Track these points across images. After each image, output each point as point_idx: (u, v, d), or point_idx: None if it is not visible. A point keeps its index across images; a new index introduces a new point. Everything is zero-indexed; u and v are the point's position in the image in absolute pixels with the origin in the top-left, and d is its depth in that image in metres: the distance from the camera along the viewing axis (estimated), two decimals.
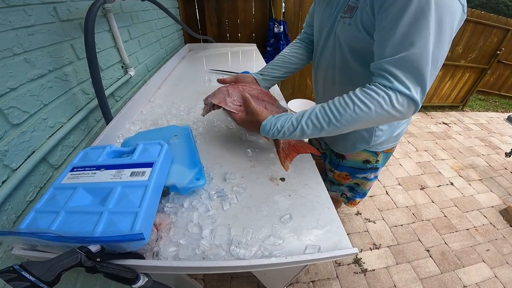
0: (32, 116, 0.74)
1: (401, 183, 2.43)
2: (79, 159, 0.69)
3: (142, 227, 0.49)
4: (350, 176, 1.08)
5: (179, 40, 2.33)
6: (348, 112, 0.61)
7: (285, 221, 0.62)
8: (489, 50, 3.80)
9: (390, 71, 0.58)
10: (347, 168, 1.06)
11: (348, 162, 1.04)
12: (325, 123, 0.64)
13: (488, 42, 3.73)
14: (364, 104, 0.60)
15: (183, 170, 0.70)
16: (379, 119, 0.61)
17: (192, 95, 1.35)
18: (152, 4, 1.47)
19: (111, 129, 0.93)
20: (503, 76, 4.91)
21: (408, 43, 0.55)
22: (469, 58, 3.78)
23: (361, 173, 1.05)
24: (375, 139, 0.90)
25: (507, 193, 2.44)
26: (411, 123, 3.56)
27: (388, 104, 0.58)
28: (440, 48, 0.56)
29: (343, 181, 1.12)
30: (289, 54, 1.03)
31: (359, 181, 1.10)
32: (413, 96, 0.57)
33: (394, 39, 0.57)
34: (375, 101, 0.59)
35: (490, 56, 3.87)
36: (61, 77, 0.85)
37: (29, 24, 0.74)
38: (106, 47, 1.12)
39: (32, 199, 0.71)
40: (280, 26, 2.59)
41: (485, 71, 3.96)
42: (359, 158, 1.00)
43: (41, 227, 0.51)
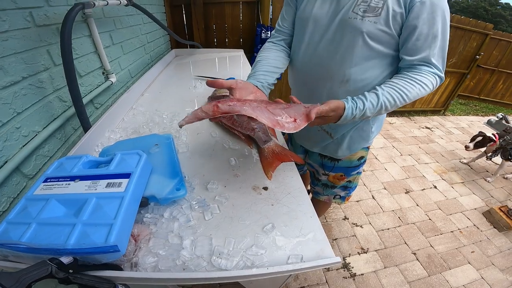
0: (4, 125, 0.71)
1: (387, 187, 2.46)
2: (53, 169, 0.66)
3: (117, 239, 0.47)
4: (345, 176, 1.14)
5: (165, 45, 2.30)
6: (415, 90, 0.78)
7: (267, 231, 0.61)
8: (469, 54, 3.90)
9: (433, 63, 0.80)
10: (343, 169, 1.12)
11: (344, 162, 1.10)
12: (398, 100, 0.78)
13: (468, 46, 3.82)
14: (425, 84, 0.79)
15: (163, 180, 0.68)
16: (426, 94, 0.82)
17: (176, 102, 1.32)
18: (137, 9, 1.45)
19: (89, 138, 0.90)
20: (482, 80, 5.10)
21: (439, 44, 0.79)
22: (450, 62, 3.87)
23: (355, 170, 1.14)
24: (371, 136, 1.03)
25: (490, 195, 2.51)
26: (396, 128, 3.65)
27: (436, 83, 0.81)
28: (447, 42, 0.81)
29: (337, 182, 1.17)
30: (273, 58, 0.98)
31: (352, 178, 1.17)
32: (442, 76, 0.82)
33: (430, 41, 0.78)
34: (429, 81, 0.80)
35: (469, 61, 3.98)
36: (35, 84, 0.82)
37: (3, 29, 0.72)
38: (86, 53, 1.09)
39: (5, 209, 0.69)
40: (267, 31, 2.59)
41: (465, 76, 4.07)
42: (355, 157, 1.09)
43: (12, 238, 0.49)
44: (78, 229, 0.48)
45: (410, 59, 0.81)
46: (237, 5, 2.58)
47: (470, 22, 3.67)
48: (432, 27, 0.77)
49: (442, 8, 0.76)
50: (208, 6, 2.52)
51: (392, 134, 3.44)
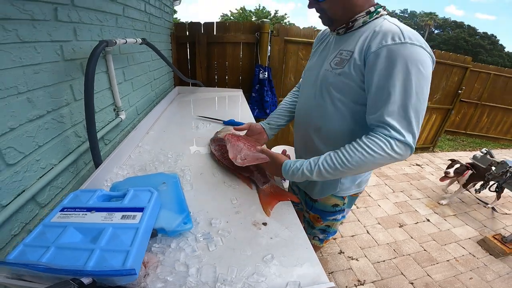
0: (26, 156, 0.76)
1: (381, 222, 2.51)
2: (69, 200, 0.71)
3: (134, 263, 0.52)
4: (321, 219, 1.15)
5: (169, 82, 2.43)
6: (357, 155, 0.75)
7: (267, 261, 0.66)
8: (451, 90, 4.02)
9: (388, 123, 0.73)
10: (319, 211, 1.14)
11: (320, 205, 1.12)
12: (338, 164, 0.77)
13: (450, 81, 3.93)
14: (370, 148, 0.73)
15: (172, 215, 0.73)
16: (382, 161, 0.75)
17: (180, 142, 1.36)
18: (148, 47, 1.55)
19: (100, 173, 0.94)
20: (467, 115, 5.27)
21: (397, 101, 0.71)
22: (434, 99, 4.00)
23: (331, 215, 1.13)
24: (340, 186, 1.02)
25: (482, 225, 2.59)
26: (387, 167, 3.74)
27: (389, 148, 0.72)
28: (422, 101, 0.71)
29: (316, 224, 1.19)
30: (289, 102, 1.21)
31: (329, 223, 1.17)
32: (407, 141, 0.72)
33: (385, 98, 0.72)
34: (378, 146, 0.73)
35: (453, 96, 4.09)
36: (57, 119, 0.88)
37: (36, 62, 0.78)
38: (102, 89, 1.15)
39: (17, 233, 0.72)
40: (265, 72, 2.74)
41: (450, 111, 4.20)
42: (328, 202, 1.09)
43: (30, 259, 0.53)
44: (96, 254, 0.54)
45: (368, 119, 0.79)
46: (238, 45, 2.77)
47: (451, 57, 3.76)
48: (387, 81, 0.71)
49: (404, 57, 0.69)
50: (211, 45, 2.71)
51: (384, 172, 3.55)
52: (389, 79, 0.71)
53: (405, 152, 0.74)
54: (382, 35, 0.73)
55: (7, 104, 0.68)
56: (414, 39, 0.70)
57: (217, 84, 2.94)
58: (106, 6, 1.16)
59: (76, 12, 0.95)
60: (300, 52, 2.91)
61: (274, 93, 2.88)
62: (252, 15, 23.71)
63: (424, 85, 0.71)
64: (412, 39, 0.70)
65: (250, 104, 2.72)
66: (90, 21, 1.04)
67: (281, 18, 23.26)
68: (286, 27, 2.78)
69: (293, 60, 2.94)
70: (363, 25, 0.82)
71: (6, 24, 0.67)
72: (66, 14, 0.90)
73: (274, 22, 21.88)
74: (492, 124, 5.44)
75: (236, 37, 2.70)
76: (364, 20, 0.81)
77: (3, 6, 0.66)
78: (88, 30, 1.04)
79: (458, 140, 5.37)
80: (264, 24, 2.62)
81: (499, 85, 4.98)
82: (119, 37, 1.28)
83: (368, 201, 2.85)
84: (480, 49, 29.83)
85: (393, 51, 0.70)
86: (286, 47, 2.85)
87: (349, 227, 2.41)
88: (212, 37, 2.67)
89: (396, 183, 3.30)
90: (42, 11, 0.79)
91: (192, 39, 2.64)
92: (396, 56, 0.69)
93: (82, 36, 0.99)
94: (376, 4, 0.83)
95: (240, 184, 1.01)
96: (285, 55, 2.90)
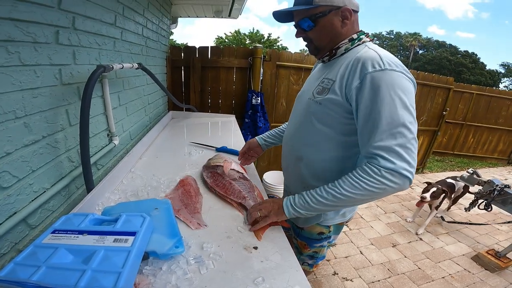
0: (20, 180, 0.76)
1: (374, 243, 2.52)
2: (61, 223, 0.72)
3: (126, 284, 0.53)
4: (308, 246, 1.15)
5: (163, 106, 2.45)
6: (347, 184, 0.75)
7: (258, 283, 0.67)
8: (437, 111, 4.12)
9: (376, 153, 0.72)
10: (305, 239, 1.14)
11: (306, 233, 1.12)
12: (330, 195, 0.77)
13: (435, 103, 4.01)
14: (360, 176, 0.73)
15: (163, 239, 0.75)
16: (374, 189, 0.73)
17: (172, 168, 1.35)
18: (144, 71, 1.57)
19: (92, 198, 0.95)
20: (454, 136, 5.39)
21: (384, 131, 0.71)
22: (421, 121, 4.07)
23: (317, 243, 1.13)
24: (324, 216, 1.03)
25: (475, 242, 2.62)
26: None
27: (379, 175, 0.71)
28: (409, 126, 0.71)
29: (303, 250, 1.19)
30: (285, 127, 1.27)
31: (316, 249, 1.17)
32: (398, 169, 0.69)
33: (372, 128, 0.73)
34: (367, 173, 0.72)
35: (438, 117, 4.19)
36: (52, 144, 0.88)
37: (36, 86, 0.78)
38: (96, 114, 1.15)
39: (6, 252, 0.72)
40: (257, 97, 2.78)
41: (436, 133, 4.29)
42: (314, 230, 1.09)
43: (20, 277, 0.53)
44: (88, 274, 0.54)
45: (361, 152, 0.80)
46: (232, 70, 2.85)
47: (434, 78, 3.86)
48: (372, 110, 0.72)
49: (386, 84, 0.70)
50: (205, 70, 2.78)
51: None
52: (374, 109, 0.71)
53: (399, 180, 0.70)
54: (362, 63, 0.75)
55: (5, 129, 0.69)
56: (393, 65, 0.72)
57: (211, 109, 2.98)
58: (105, 30, 1.18)
59: (76, 35, 0.97)
60: (292, 77, 3.01)
61: (266, 118, 2.92)
62: (246, 38, 24.47)
63: (406, 111, 0.71)
64: (391, 65, 0.72)
65: (242, 130, 2.75)
66: (89, 44, 1.06)
67: (274, 41, 24.04)
68: (277, 52, 2.89)
69: (284, 85, 3.03)
70: (345, 52, 0.86)
71: (10, 46, 0.68)
72: (66, 37, 0.91)
73: (267, 45, 22.60)
74: (479, 143, 5.57)
75: (230, 61, 2.78)
76: (346, 47, 0.85)
77: (8, 27, 0.67)
78: (87, 54, 1.05)
79: (446, 160, 5.48)
80: (257, 49, 2.73)
81: (482, 104, 5.14)
82: (116, 60, 1.31)
83: (360, 222, 2.86)
84: (463, 68, 30.28)
85: (375, 78, 0.71)
86: (278, 72, 2.94)
87: (342, 248, 2.40)
88: (207, 61, 2.75)
89: (388, 204, 3.34)
90: (44, 34, 0.80)
91: (186, 63, 2.71)
92: (378, 84, 0.71)
93: (80, 60, 1.00)
94: (359, 31, 0.87)
95: (232, 209, 1.02)
96: (277, 80, 2.97)
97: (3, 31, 0.66)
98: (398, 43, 38.74)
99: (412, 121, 0.71)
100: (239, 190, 1.06)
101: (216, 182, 1.15)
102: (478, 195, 2.54)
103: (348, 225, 2.73)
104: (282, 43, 24.30)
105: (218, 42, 24.30)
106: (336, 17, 0.82)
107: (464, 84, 5.04)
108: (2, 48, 0.66)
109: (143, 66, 1.49)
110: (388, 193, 0.74)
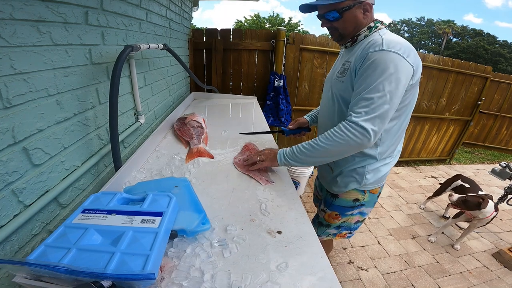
0: (52, 158, 0.78)
1: (393, 234, 2.47)
2: (90, 202, 0.74)
3: (153, 268, 0.54)
4: (340, 215, 1.20)
5: (186, 87, 2.46)
6: (323, 136, 0.94)
7: (281, 269, 0.67)
8: (471, 100, 3.90)
9: (350, 112, 0.90)
10: (338, 207, 1.20)
11: (340, 201, 1.18)
12: (309, 146, 0.96)
13: (469, 92, 3.80)
14: (333, 129, 0.92)
15: (189, 216, 0.76)
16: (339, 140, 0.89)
17: None
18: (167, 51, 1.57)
19: (119, 176, 0.97)
20: (486, 127, 5.12)
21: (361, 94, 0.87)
22: (453, 110, 3.88)
23: (350, 210, 1.20)
24: (364, 181, 1.11)
25: (498, 238, 2.51)
26: (401, 178, 3.68)
27: (343, 126, 0.89)
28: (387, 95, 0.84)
29: (332, 222, 1.23)
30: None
31: (346, 219, 1.21)
32: (358, 122, 0.86)
33: (356, 93, 0.90)
34: (338, 127, 0.91)
35: (472, 107, 3.97)
36: (82, 121, 0.90)
37: (67, 65, 0.80)
38: (124, 93, 1.18)
39: (37, 233, 0.74)
40: (280, 80, 2.74)
41: (469, 123, 4.08)
42: (350, 197, 1.16)
43: (51, 260, 0.55)
44: (117, 257, 0.55)
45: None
46: (253, 52, 2.80)
47: (470, 66, 3.64)
48: (359, 79, 0.90)
49: (376, 60, 0.86)
50: (227, 52, 2.75)
51: (398, 184, 3.49)
52: (363, 78, 0.88)
53: (358, 132, 0.86)
54: (368, 46, 0.91)
55: (37, 105, 0.70)
56: (391, 47, 0.85)
57: (232, 91, 2.97)
58: (131, 11, 1.19)
59: (105, 16, 0.98)
60: (315, 60, 2.92)
61: (288, 101, 2.87)
62: (266, 22, 23.88)
63: (386, 78, 0.83)
64: (390, 47, 0.85)
65: (264, 112, 2.72)
66: (116, 25, 1.07)
67: (294, 25, 23.33)
68: (301, 35, 2.80)
69: (308, 68, 2.95)
70: (364, 38, 0.99)
71: (41, 26, 0.69)
72: (95, 18, 0.92)
73: (288, 29, 21.96)
74: None
75: (252, 44, 2.73)
76: (365, 34, 0.98)
77: (39, 8, 0.68)
78: (115, 35, 1.07)
79: (476, 152, 5.22)
80: (280, 31, 2.65)
81: None
82: (142, 42, 1.32)
83: (380, 212, 2.81)
84: (500, 58, 28.90)
85: (371, 56, 0.87)
86: (301, 55, 2.86)
87: (359, 237, 2.37)
88: (228, 43, 2.71)
89: (410, 195, 3.24)
90: (74, 14, 0.81)
91: (208, 45, 2.68)
92: (373, 60, 0.86)
93: (109, 41, 1.02)
94: (375, 20, 1.00)
95: (256, 190, 1.02)
96: (300, 63, 2.90)
97: (34, 11, 0.67)
98: (429, 30, 36.71)
99: (390, 91, 0.84)
100: (191, 133, 1.41)
101: (179, 127, 1.51)
102: (509, 189, 2.42)
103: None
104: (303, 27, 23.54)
105: (237, 26, 23.83)
106: (359, 9, 0.95)
107: (502, 74, 4.70)
108: (34, 28, 0.67)
109: (168, 47, 1.49)
110: (351, 146, 0.89)
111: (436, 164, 4.36)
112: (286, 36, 2.71)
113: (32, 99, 0.69)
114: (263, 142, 1.48)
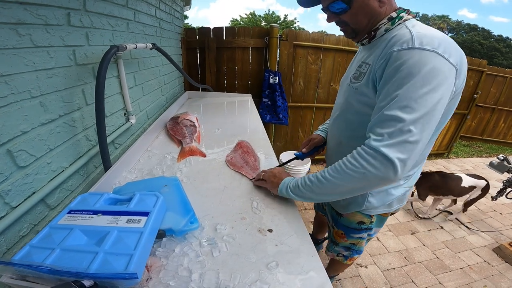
0: (38, 159, 0.77)
1: (392, 229, 2.45)
2: (77, 203, 0.73)
3: (136, 267, 0.53)
4: (345, 236, 1.11)
5: (180, 87, 2.45)
6: (332, 168, 0.74)
7: (271, 268, 0.65)
8: (467, 94, 3.92)
9: (370, 131, 0.68)
10: (343, 227, 1.10)
11: (344, 220, 1.08)
12: (315, 179, 0.77)
13: (466, 86, 3.78)
14: (346, 158, 0.72)
15: (177, 216, 0.74)
16: (352, 173, 0.68)
17: None
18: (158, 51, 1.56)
19: (109, 176, 0.96)
20: (484, 120, 5.10)
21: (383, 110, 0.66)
22: None
23: (356, 233, 1.09)
24: (367, 205, 0.96)
25: (499, 233, 2.49)
26: None
27: (359, 154, 0.67)
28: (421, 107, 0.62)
29: (339, 240, 1.16)
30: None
31: (354, 241, 1.13)
32: (380, 149, 0.63)
33: (377, 108, 0.69)
34: (351, 156, 0.70)
35: (468, 101, 3.99)
36: (69, 123, 0.90)
37: (50, 66, 0.79)
38: (113, 93, 1.17)
39: (25, 234, 0.73)
40: (275, 77, 2.71)
41: (466, 117, 4.09)
42: (353, 218, 1.05)
43: (35, 260, 0.55)
44: (100, 257, 0.55)
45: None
46: (247, 50, 2.78)
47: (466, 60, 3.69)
48: (383, 88, 0.68)
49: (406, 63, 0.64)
50: (220, 50, 2.72)
51: None
52: (384, 87, 0.67)
53: (380, 164, 0.63)
54: (392, 43, 0.70)
55: (20, 107, 0.70)
56: (425, 44, 0.63)
57: (227, 89, 2.95)
58: (117, 12, 1.18)
59: (88, 17, 0.97)
60: (309, 56, 2.90)
61: (284, 97, 2.85)
62: (261, 20, 23.85)
63: (423, 90, 0.62)
64: (423, 44, 0.63)
65: (260, 110, 2.71)
66: (101, 26, 1.06)
67: (290, 22, 23.27)
68: (295, 31, 2.78)
69: (302, 65, 2.93)
70: (385, 32, 0.77)
71: (20, 28, 0.69)
72: (78, 19, 0.91)
73: (284, 26, 21.93)
74: (510, 129, 5.25)
75: (245, 41, 2.71)
76: (386, 27, 0.76)
77: (16, 11, 0.67)
78: (100, 35, 1.06)
79: (474, 146, 5.20)
80: (273, 28, 2.63)
81: None
82: (130, 42, 1.30)
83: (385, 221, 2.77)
84: (496, 52, 28.89)
85: (398, 56, 0.65)
86: (295, 52, 2.84)
87: None
88: (222, 42, 2.69)
89: None
90: (55, 16, 0.80)
91: (201, 44, 2.66)
92: (401, 63, 0.64)
93: (94, 41, 1.01)
94: (398, 8, 0.78)
95: (247, 188, 1.01)
96: (294, 60, 2.88)
97: (12, 14, 0.66)
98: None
99: (426, 102, 0.62)
100: (184, 132, 1.42)
101: (172, 127, 1.51)
102: (507, 183, 2.40)
103: None
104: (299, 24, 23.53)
105: (233, 25, 23.82)
106: None
107: (498, 68, 4.70)
108: (13, 31, 0.67)
109: (157, 46, 1.47)
110: (370, 181, 0.67)
111: (434, 158, 4.35)
112: (280, 33, 2.69)
113: (14, 101, 0.68)
114: (257, 139, 1.47)
